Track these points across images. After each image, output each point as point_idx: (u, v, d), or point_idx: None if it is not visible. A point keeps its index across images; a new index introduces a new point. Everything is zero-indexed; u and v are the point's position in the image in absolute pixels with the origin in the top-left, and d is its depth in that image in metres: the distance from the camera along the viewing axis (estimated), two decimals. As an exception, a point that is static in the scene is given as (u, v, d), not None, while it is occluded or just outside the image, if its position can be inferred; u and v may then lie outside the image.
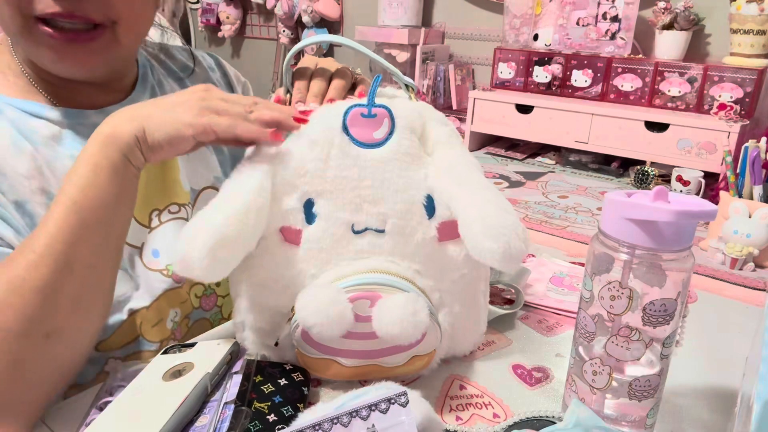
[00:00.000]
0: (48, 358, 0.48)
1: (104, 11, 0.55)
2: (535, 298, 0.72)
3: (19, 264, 0.46)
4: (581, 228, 1.27)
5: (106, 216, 0.50)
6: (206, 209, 0.48)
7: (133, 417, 0.43)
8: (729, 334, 0.67)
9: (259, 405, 0.48)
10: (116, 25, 0.56)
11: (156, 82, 0.71)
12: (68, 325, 0.48)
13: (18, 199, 0.55)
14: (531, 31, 1.92)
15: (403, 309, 0.46)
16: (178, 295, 0.65)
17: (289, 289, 0.51)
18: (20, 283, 0.46)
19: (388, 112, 0.51)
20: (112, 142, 0.49)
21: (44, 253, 0.46)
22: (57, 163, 0.58)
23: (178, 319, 0.66)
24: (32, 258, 0.46)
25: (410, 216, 0.51)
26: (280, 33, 2.70)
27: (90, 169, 0.49)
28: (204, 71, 0.79)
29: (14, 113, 0.58)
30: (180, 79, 0.76)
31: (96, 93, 0.64)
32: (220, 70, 0.82)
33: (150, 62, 0.73)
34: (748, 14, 1.51)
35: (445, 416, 0.51)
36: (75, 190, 0.48)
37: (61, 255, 0.47)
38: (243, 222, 0.47)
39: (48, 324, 0.47)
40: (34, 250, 0.47)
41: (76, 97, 0.62)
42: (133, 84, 0.69)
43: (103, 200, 0.49)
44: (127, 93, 0.67)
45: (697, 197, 0.43)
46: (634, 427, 0.47)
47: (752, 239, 1.08)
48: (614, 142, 1.69)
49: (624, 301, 0.43)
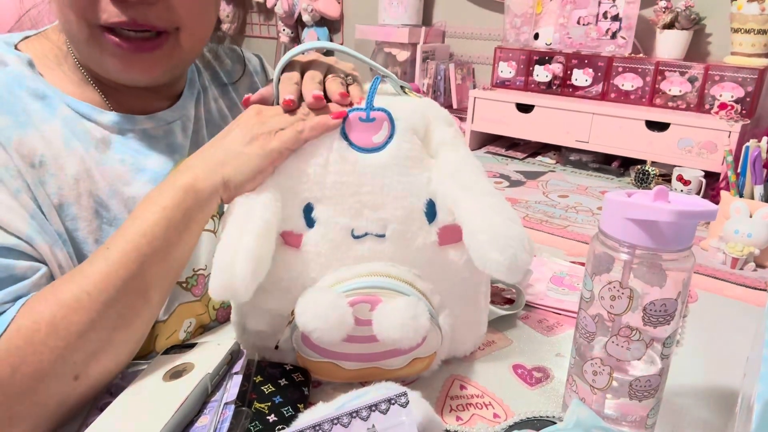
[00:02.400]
0: (71, 398, 0.47)
1: (168, 18, 0.54)
2: (535, 298, 0.72)
3: (67, 302, 0.44)
4: (581, 227, 1.27)
5: (165, 268, 0.49)
6: (231, 232, 0.47)
7: (133, 417, 0.43)
8: (729, 334, 0.67)
9: (259, 405, 0.48)
10: (179, 32, 0.56)
11: (201, 87, 0.71)
12: (99, 368, 0.47)
13: (63, 201, 0.54)
14: (531, 30, 1.92)
15: (404, 313, 0.46)
16: (195, 307, 0.64)
17: (289, 293, 0.51)
18: (65, 325, 0.44)
19: (388, 116, 0.50)
20: (191, 196, 0.49)
21: (96, 296, 0.45)
22: (106, 166, 0.58)
23: (192, 329, 0.65)
24: (83, 299, 0.44)
25: (410, 221, 0.50)
26: (280, 32, 2.70)
27: (159, 219, 0.48)
28: (249, 77, 0.78)
29: (68, 112, 0.57)
30: (224, 85, 0.75)
31: (148, 97, 0.63)
32: (263, 73, 0.81)
33: (198, 67, 0.72)
34: (749, 14, 1.50)
35: (446, 416, 0.51)
36: (138, 237, 0.47)
37: (112, 301, 0.45)
38: (268, 239, 0.48)
39: (81, 367, 0.45)
40: (85, 290, 0.45)
41: (127, 99, 0.61)
42: (182, 87, 0.68)
43: (167, 252, 0.48)
44: (176, 98, 0.67)
45: (698, 197, 0.43)
46: (634, 427, 0.47)
47: (753, 239, 1.08)
48: (615, 142, 1.69)
49: (624, 301, 0.43)
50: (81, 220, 0.55)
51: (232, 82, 0.76)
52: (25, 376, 0.43)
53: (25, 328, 0.43)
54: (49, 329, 0.43)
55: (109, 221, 0.57)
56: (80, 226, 0.55)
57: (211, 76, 0.74)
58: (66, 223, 0.54)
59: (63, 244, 0.54)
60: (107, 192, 0.57)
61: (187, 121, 0.67)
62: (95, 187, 0.56)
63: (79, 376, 0.45)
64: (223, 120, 0.72)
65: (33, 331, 0.43)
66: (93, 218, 0.56)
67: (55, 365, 0.44)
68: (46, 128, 0.55)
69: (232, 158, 0.50)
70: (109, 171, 0.58)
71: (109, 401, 0.46)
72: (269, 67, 0.83)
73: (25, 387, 0.43)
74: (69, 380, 0.45)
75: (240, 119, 0.53)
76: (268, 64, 0.85)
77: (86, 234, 0.56)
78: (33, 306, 0.45)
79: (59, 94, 0.57)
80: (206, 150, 0.52)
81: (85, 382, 0.46)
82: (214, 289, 0.46)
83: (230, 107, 0.75)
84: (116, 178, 0.58)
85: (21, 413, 0.43)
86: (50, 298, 0.45)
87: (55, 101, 0.57)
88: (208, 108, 0.71)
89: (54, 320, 0.44)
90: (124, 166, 0.59)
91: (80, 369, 0.45)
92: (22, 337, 0.43)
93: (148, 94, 0.63)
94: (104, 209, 0.57)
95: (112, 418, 0.43)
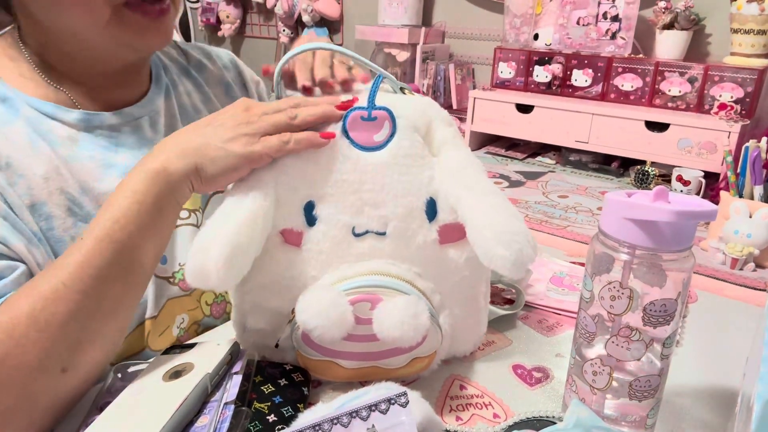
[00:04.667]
0: (61, 391, 0.47)
1: None
2: (535, 298, 0.72)
3: (44, 294, 0.44)
4: (581, 228, 1.27)
5: (140, 253, 0.49)
6: (215, 218, 0.48)
7: (133, 417, 0.43)
8: (729, 334, 0.67)
9: (259, 405, 0.48)
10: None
11: (170, 81, 0.71)
12: (86, 359, 0.47)
13: (34, 201, 0.54)
14: (531, 30, 1.92)
15: (404, 312, 0.46)
16: (185, 302, 0.65)
17: (289, 291, 0.51)
18: (44, 317, 0.44)
19: (389, 114, 0.51)
20: (162, 179, 0.48)
21: (72, 286, 0.45)
22: (75, 163, 0.58)
23: (186, 326, 0.65)
24: (60, 289, 0.44)
25: (411, 219, 0.51)
26: (280, 32, 2.70)
27: (130, 204, 0.47)
28: (219, 70, 0.79)
29: (31, 113, 0.57)
30: (194, 77, 0.75)
31: (115, 91, 0.63)
32: (235, 69, 0.81)
33: (162, 61, 0.72)
34: (749, 14, 1.51)
35: (446, 416, 0.51)
36: (111, 223, 0.47)
37: (90, 289, 0.46)
38: (252, 228, 0.47)
39: (67, 359, 0.45)
40: (62, 280, 0.45)
41: (94, 95, 0.62)
42: (148, 84, 0.68)
43: (140, 236, 0.48)
44: (143, 93, 0.67)
45: (698, 197, 0.43)
46: (634, 427, 0.47)
47: (753, 239, 1.08)
48: (614, 142, 1.69)
49: (624, 301, 0.43)
50: (55, 218, 0.55)
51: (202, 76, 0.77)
52: (11, 369, 0.43)
53: (5, 322, 0.44)
54: (29, 321, 0.44)
55: (84, 218, 0.57)
56: (55, 224, 0.55)
57: (179, 71, 0.74)
58: (40, 222, 0.54)
59: (39, 242, 0.54)
60: (78, 189, 0.57)
61: (155, 115, 0.67)
62: (66, 185, 0.57)
63: (66, 368, 0.46)
64: (197, 113, 0.73)
65: (13, 325, 0.43)
66: (67, 216, 0.56)
67: (39, 357, 0.44)
68: (9, 130, 0.55)
69: (210, 150, 0.49)
70: (79, 168, 0.58)
71: (109, 401, 0.46)
72: (243, 65, 0.83)
73: (12, 379, 0.43)
74: (57, 373, 0.45)
75: (227, 112, 0.52)
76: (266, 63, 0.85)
77: (61, 232, 0.56)
78: (12, 301, 0.45)
79: (21, 96, 0.57)
80: (182, 134, 0.51)
81: (74, 374, 0.47)
82: (188, 272, 0.46)
83: (204, 101, 0.75)
84: (86, 175, 0.58)
85: (12, 408, 0.44)
86: (28, 292, 0.45)
87: (17, 103, 0.57)
88: (180, 102, 0.71)
89: (33, 312, 0.44)
90: (93, 163, 0.59)
91: (66, 360, 0.45)
92: (3, 331, 0.43)
93: (115, 87, 0.63)
94: (77, 206, 0.57)
95: (112, 418, 0.43)
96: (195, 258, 0.46)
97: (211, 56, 0.79)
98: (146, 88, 0.68)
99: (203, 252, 0.45)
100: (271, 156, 0.49)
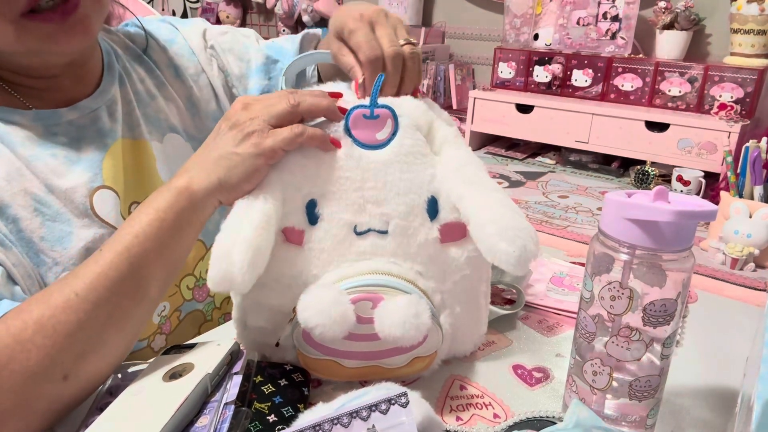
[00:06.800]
0: (60, 398, 0.46)
1: None
2: (535, 298, 0.72)
3: (56, 302, 0.44)
4: (581, 228, 1.27)
5: (157, 269, 0.49)
6: (230, 223, 0.48)
7: (133, 418, 0.43)
8: (729, 334, 0.67)
9: (259, 405, 0.48)
10: None
11: (122, 68, 0.70)
12: (89, 368, 0.47)
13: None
14: (531, 30, 1.92)
15: (406, 311, 0.46)
16: None
17: (290, 289, 0.51)
18: (53, 324, 0.44)
19: (391, 113, 0.51)
20: (185, 197, 0.49)
21: (85, 296, 0.45)
22: (37, 162, 0.57)
23: (167, 313, 0.65)
24: (71, 299, 0.44)
25: (412, 217, 0.51)
26: (280, 32, 2.70)
27: (152, 221, 0.48)
28: (162, 52, 0.75)
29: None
30: (146, 62, 0.73)
31: (68, 85, 0.62)
32: (181, 40, 0.76)
33: (115, 50, 0.71)
34: (749, 14, 1.51)
35: (446, 417, 0.51)
36: (131, 237, 0.47)
37: (101, 301, 0.45)
38: (267, 230, 0.48)
39: (69, 367, 0.45)
40: (75, 290, 0.45)
41: (47, 94, 0.61)
42: (101, 74, 0.67)
43: (159, 254, 0.48)
44: (96, 84, 0.65)
45: (698, 197, 0.43)
46: (634, 427, 0.47)
47: (753, 239, 1.08)
48: (614, 142, 1.69)
49: (624, 301, 0.43)
50: (21, 220, 0.55)
51: (147, 55, 0.74)
52: (13, 373, 0.43)
53: (14, 327, 0.44)
54: (36, 327, 0.44)
55: (52, 217, 0.57)
56: (22, 226, 0.55)
57: (131, 57, 0.72)
58: (8, 225, 0.54)
59: (12, 244, 0.53)
60: (43, 188, 0.57)
61: (112, 104, 0.66)
62: (30, 185, 0.56)
63: (68, 376, 0.45)
64: (152, 99, 0.71)
65: (20, 330, 0.43)
66: (33, 216, 0.56)
67: (43, 364, 0.44)
68: None
69: (225, 159, 0.49)
70: (41, 167, 0.57)
71: (109, 401, 0.46)
72: (191, 33, 0.77)
73: (13, 383, 0.43)
74: (58, 380, 0.45)
75: (228, 115, 0.52)
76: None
77: (29, 233, 0.55)
78: (24, 307, 0.45)
79: None
80: (202, 152, 0.52)
81: (75, 383, 0.46)
82: (212, 279, 0.46)
83: (158, 86, 0.73)
84: (50, 173, 0.57)
85: (9, 411, 0.43)
86: (41, 299, 0.45)
87: None
88: (135, 89, 0.70)
89: (41, 319, 0.44)
90: (56, 160, 0.58)
91: (69, 369, 0.45)
92: (10, 335, 0.43)
93: (68, 82, 0.62)
94: (44, 206, 0.57)
95: (112, 418, 0.43)
96: (218, 265, 0.46)
97: (167, 37, 0.76)
98: (99, 79, 0.66)
99: (225, 258, 0.46)
100: (284, 149, 0.50)
